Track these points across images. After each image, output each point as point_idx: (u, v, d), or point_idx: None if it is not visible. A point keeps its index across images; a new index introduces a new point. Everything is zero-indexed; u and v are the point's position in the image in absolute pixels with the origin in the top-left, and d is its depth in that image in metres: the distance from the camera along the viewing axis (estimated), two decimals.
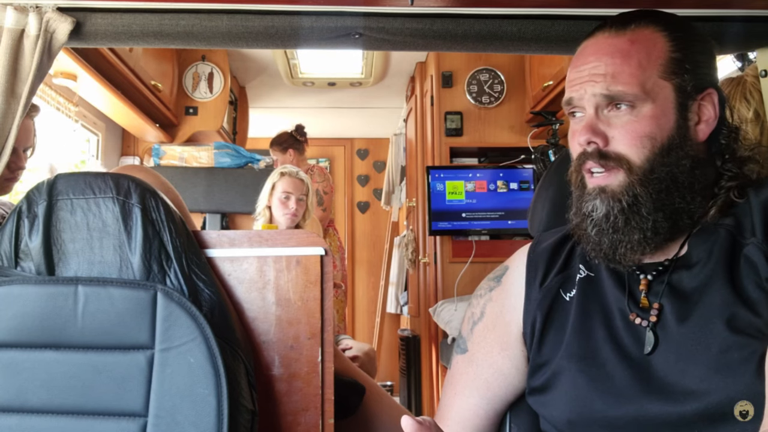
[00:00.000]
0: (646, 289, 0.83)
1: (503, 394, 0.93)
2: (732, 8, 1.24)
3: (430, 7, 1.23)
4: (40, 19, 1.17)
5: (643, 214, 0.80)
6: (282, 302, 1.21)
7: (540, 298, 0.91)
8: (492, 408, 0.93)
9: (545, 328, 0.89)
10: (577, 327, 0.85)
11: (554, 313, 0.89)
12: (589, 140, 0.81)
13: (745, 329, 0.73)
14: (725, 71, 1.78)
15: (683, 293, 0.80)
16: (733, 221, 0.81)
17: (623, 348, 0.81)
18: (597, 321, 0.84)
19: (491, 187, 3.13)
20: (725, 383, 0.72)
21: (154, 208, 1.12)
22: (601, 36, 0.84)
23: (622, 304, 0.83)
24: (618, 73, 0.79)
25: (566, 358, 0.84)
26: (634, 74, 0.79)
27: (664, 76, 0.80)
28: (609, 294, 0.86)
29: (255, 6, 1.21)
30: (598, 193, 0.82)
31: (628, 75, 0.79)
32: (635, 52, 0.80)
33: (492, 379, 0.93)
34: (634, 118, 0.79)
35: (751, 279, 0.76)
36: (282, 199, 2.47)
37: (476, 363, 0.94)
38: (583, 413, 0.81)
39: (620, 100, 0.79)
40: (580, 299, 0.87)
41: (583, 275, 0.89)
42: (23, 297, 1.06)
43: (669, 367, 0.77)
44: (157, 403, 1.03)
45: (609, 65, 0.80)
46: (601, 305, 0.85)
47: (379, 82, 4.03)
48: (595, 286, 0.87)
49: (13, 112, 1.17)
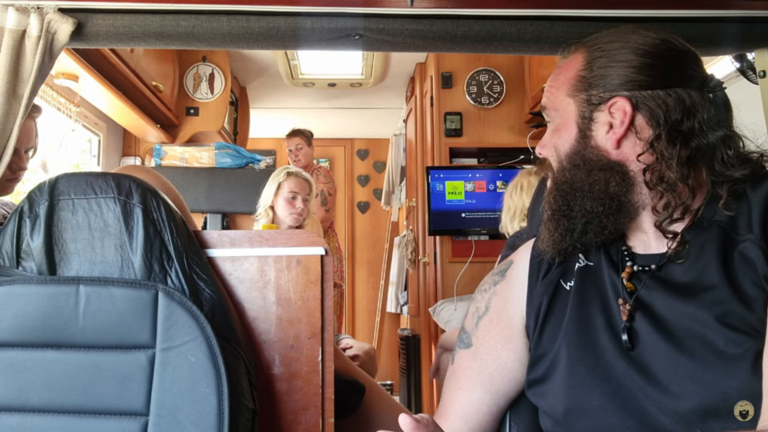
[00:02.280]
0: (627, 277, 0.85)
1: (506, 389, 0.93)
2: (730, 9, 1.25)
3: (429, 8, 1.23)
4: (41, 20, 1.18)
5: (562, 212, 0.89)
6: (282, 302, 1.22)
7: (542, 290, 0.92)
8: (495, 403, 0.94)
9: (546, 318, 0.90)
10: (575, 315, 0.86)
11: (555, 303, 0.90)
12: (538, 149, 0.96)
13: (740, 326, 0.74)
14: (724, 71, 1.78)
15: (675, 286, 0.80)
16: (726, 217, 0.81)
17: (620, 336, 0.81)
18: (595, 309, 0.85)
19: (491, 188, 3.13)
20: (719, 379, 0.72)
21: (155, 208, 1.12)
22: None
23: (619, 291, 0.85)
24: (549, 93, 0.94)
25: (564, 346, 0.85)
26: (553, 93, 0.92)
27: (570, 93, 0.90)
28: (606, 282, 0.87)
29: (255, 7, 1.22)
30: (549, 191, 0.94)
31: (550, 95, 0.93)
32: (559, 74, 0.93)
33: (496, 373, 0.93)
34: (549, 130, 0.93)
35: (748, 276, 0.76)
36: (289, 199, 2.47)
37: (481, 357, 0.95)
38: (580, 401, 0.81)
39: (546, 113, 0.94)
40: (579, 288, 0.88)
41: (581, 264, 0.90)
42: (25, 297, 1.06)
43: (662, 359, 0.77)
44: (158, 402, 1.04)
45: (549, 85, 0.94)
46: (599, 293, 0.87)
47: (379, 82, 4.03)
48: (593, 274, 0.89)
49: (15, 112, 1.17)
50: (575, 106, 0.89)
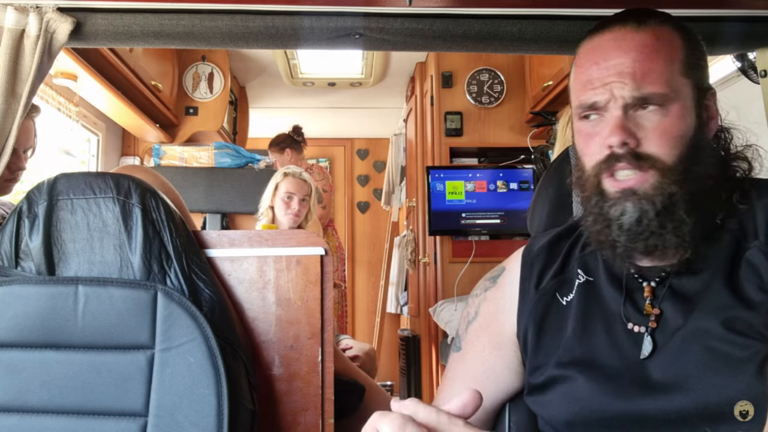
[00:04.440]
0: (651, 296, 0.81)
1: (493, 392, 0.93)
2: (731, 8, 1.24)
3: (429, 8, 1.23)
4: (40, 20, 1.17)
5: (679, 215, 0.77)
6: (282, 302, 1.21)
7: (535, 300, 0.90)
8: (483, 407, 0.93)
9: (541, 330, 0.88)
10: (578, 331, 0.85)
11: (550, 316, 0.89)
12: (623, 141, 0.77)
13: (745, 331, 0.73)
14: (725, 71, 1.78)
15: (684, 296, 0.80)
16: (737, 225, 0.81)
17: (623, 352, 0.81)
18: (598, 325, 0.84)
19: (491, 187, 3.13)
20: (724, 382, 0.72)
21: (154, 208, 1.12)
22: (621, 30, 0.81)
23: (621, 309, 0.83)
24: (647, 70, 0.77)
25: (565, 361, 0.84)
26: (662, 72, 0.77)
27: (685, 73, 0.79)
28: (609, 299, 0.85)
29: (255, 6, 1.22)
30: (628, 196, 0.78)
31: (658, 73, 0.77)
32: (660, 48, 0.78)
33: (483, 376, 0.93)
34: (663, 117, 0.77)
35: (753, 282, 0.76)
36: (285, 200, 2.47)
37: (468, 361, 0.95)
38: (581, 414, 0.81)
39: (651, 100, 0.77)
40: (580, 304, 0.87)
41: (582, 280, 0.89)
42: (23, 297, 1.06)
43: (668, 369, 0.77)
44: (157, 402, 1.03)
45: (637, 61, 0.78)
46: (602, 310, 0.85)
47: (379, 82, 4.03)
48: (595, 291, 0.87)
49: (14, 112, 1.17)
50: (691, 89, 0.80)
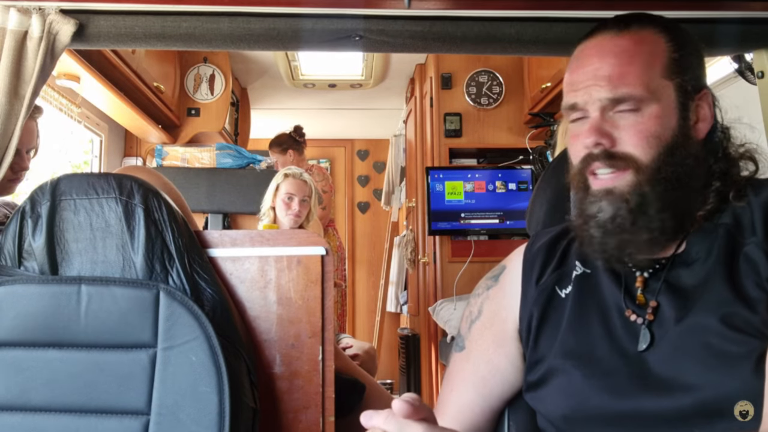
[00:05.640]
0: (642, 286, 0.83)
1: (499, 391, 0.94)
2: (728, 10, 1.25)
3: (429, 10, 1.24)
4: (43, 21, 1.18)
5: (651, 213, 0.80)
6: (283, 301, 1.22)
7: (536, 295, 0.91)
8: (488, 404, 0.94)
9: (541, 325, 0.89)
10: (573, 324, 0.86)
11: (550, 309, 0.90)
12: (596, 142, 0.80)
13: (743, 327, 0.74)
14: (722, 73, 1.79)
15: (681, 290, 0.80)
16: (732, 220, 0.81)
17: (620, 345, 0.81)
18: (594, 317, 0.85)
19: (490, 188, 3.14)
20: (721, 379, 0.73)
21: (156, 208, 1.13)
22: (602, 37, 0.84)
23: (619, 300, 0.84)
24: (623, 73, 0.79)
25: (561, 354, 0.85)
26: (639, 74, 0.79)
27: (666, 75, 0.81)
28: (606, 291, 0.86)
29: (256, 8, 1.23)
30: (605, 195, 0.81)
31: (634, 76, 0.79)
32: (639, 52, 0.81)
33: (489, 375, 0.94)
34: (639, 118, 0.80)
35: (751, 278, 0.76)
36: (285, 200, 2.48)
37: (473, 360, 0.95)
38: (578, 409, 0.82)
39: (626, 101, 0.79)
40: (577, 296, 0.88)
41: (579, 272, 0.90)
42: (27, 296, 1.07)
43: (665, 364, 0.77)
44: (159, 401, 1.04)
45: (614, 66, 0.80)
46: (597, 302, 0.86)
47: (379, 83, 4.04)
48: (592, 282, 0.88)
49: (17, 113, 1.18)
50: (674, 91, 0.81)
